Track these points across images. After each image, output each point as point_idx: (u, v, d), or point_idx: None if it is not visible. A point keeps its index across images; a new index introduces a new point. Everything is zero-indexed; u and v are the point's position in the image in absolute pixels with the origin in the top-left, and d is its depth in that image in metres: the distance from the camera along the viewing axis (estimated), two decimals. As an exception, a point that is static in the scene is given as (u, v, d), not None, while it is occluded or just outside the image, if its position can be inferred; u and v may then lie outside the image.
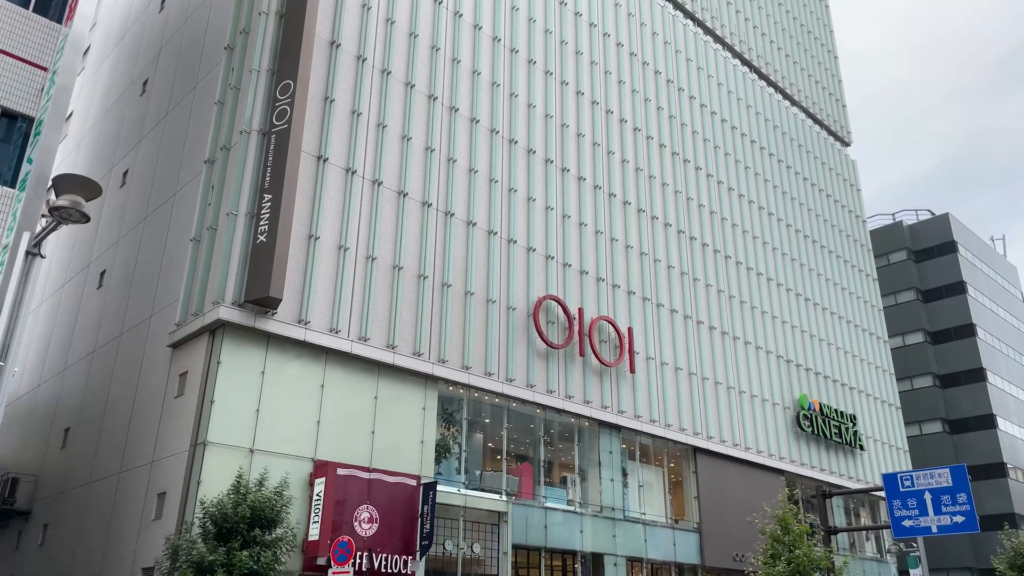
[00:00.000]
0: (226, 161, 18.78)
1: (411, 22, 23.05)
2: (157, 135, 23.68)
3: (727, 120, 35.31)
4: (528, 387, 22.26)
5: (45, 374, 26.09)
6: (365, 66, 21.29)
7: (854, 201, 43.28)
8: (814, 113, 42.97)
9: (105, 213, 25.32)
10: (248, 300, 16.87)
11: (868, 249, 42.89)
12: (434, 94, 22.84)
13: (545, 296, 23.44)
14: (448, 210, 21.93)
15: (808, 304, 35.87)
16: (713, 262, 31.18)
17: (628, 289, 26.77)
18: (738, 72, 37.57)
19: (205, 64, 21.83)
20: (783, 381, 32.51)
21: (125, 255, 23.10)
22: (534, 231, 24.25)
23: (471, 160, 23.16)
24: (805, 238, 37.53)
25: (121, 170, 25.60)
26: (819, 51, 46.16)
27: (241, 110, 18.98)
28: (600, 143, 28.02)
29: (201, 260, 18.13)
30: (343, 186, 19.75)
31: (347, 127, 20.36)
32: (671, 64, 33.21)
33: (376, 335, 19.19)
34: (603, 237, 26.68)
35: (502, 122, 24.64)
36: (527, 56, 26.48)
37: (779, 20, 43.03)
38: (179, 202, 20.60)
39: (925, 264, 56.72)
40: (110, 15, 32.14)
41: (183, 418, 16.82)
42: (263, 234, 17.28)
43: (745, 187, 34.72)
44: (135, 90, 26.86)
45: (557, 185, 25.73)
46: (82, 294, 25.34)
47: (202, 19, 23.15)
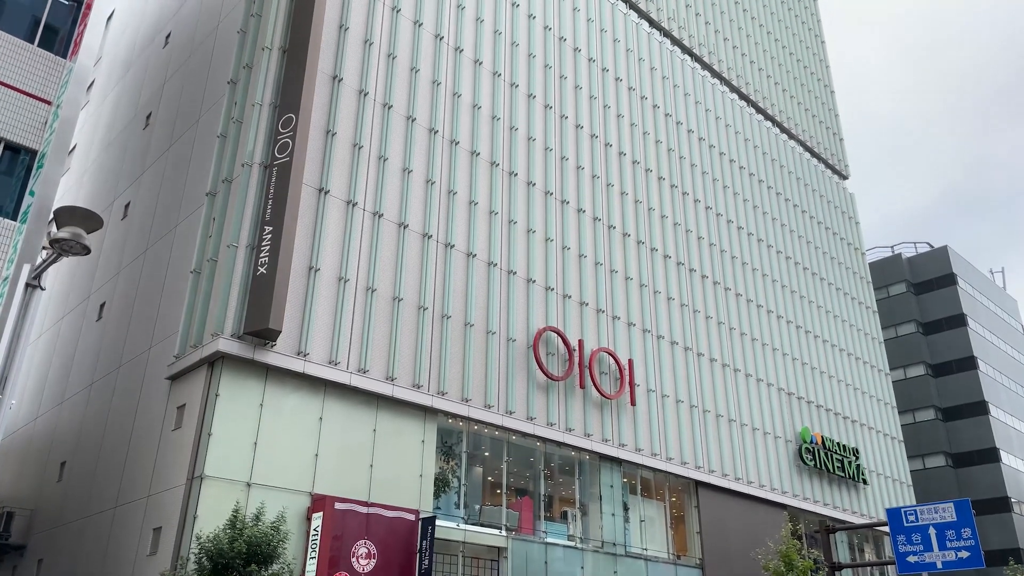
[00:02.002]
0: (227, 193, 18.87)
1: (412, 57, 23.32)
2: (159, 168, 23.83)
3: (725, 153, 35.57)
4: (528, 420, 22.11)
5: (42, 407, 25.94)
6: (367, 100, 21.49)
7: (852, 233, 43.42)
8: (811, 147, 43.30)
9: (106, 245, 25.38)
10: (247, 332, 16.83)
11: (867, 281, 42.93)
12: (435, 127, 23.03)
13: (545, 328, 23.40)
14: (448, 242, 21.99)
15: (808, 336, 35.80)
16: (713, 294, 31.18)
17: (628, 321, 26.74)
18: (735, 106, 37.93)
19: (208, 98, 22.04)
20: (784, 414, 32.32)
21: (125, 287, 23.10)
22: (534, 263, 24.29)
23: (471, 192, 23.28)
24: (804, 270, 37.59)
25: (123, 203, 25.72)
26: (815, 86, 46.66)
27: (243, 143, 19.12)
28: (599, 175, 28.19)
29: (201, 292, 18.13)
30: (344, 218, 19.82)
31: (348, 160, 20.49)
32: (669, 98, 33.54)
33: (375, 367, 19.12)
34: (603, 269, 26.71)
35: (502, 155, 24.81)
36: (527, 90, 26.75)
37: (775, 55, 43.56)
38: (180, 234, 20.66)
39: (925, 296, 56.72)
40: (115, 50, 32.52)
41: (180, 451, 16.68)
42: (263, 266, 17.30)
43: (744, 219, 34.86)
44: (138, 123, 27.08)
45: (557, 217, 25.83)
46: (81, 326, 25.30)
47: (206, 54, 23.43)
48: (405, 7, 23.68)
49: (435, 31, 24.34)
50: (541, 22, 28.53)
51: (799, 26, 47.44)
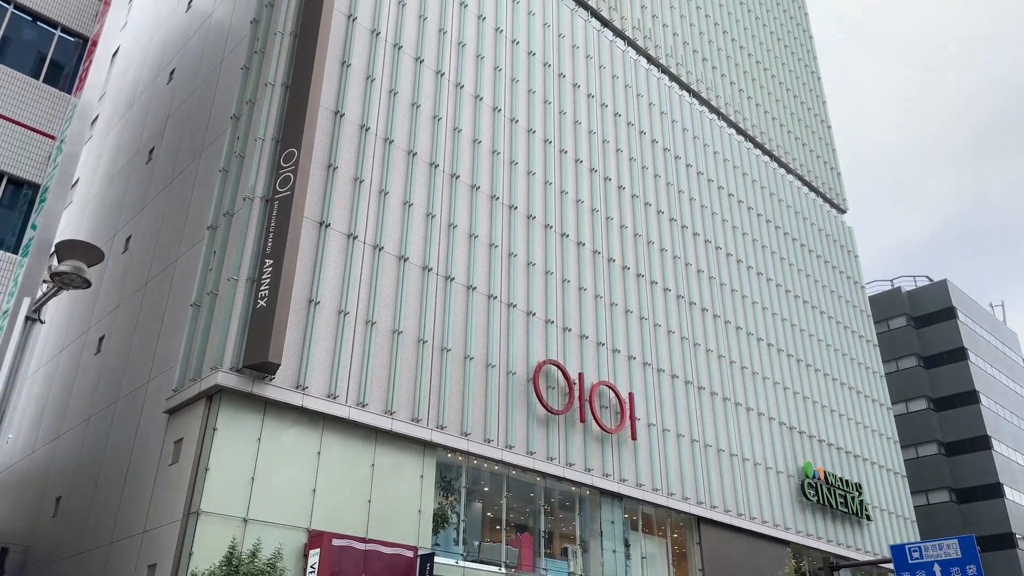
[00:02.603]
0: (228, 227, 18.95)
1: (414, 93, 23.58)
2: (161, 202, 23.96)
3: (723, 187, 35.80)
4: (528, 454, 21.95)
5: (39, 441, 25.75)
6: (368, 135, 21.69)
7: (852, 267, 43.53)
8: (809, 181, 43.60)
9: (106, 279, 25.41)
10: (246, 365, 16.78)
11: (867, 315, 42.93)
12: (435, 162, 23.20)
13: (545, 361, 23.33)
14: (448, 275, 22.03)
15: (809, 370, 35.70)
16: (713, 327, 31.15)
17: (628, 354, 26.67)
18: (733, 141, 38.27)
19: (211, 133, 22.24)
20: (786, 448, 32.09)
21: (125, 321, 23.09)
22: (534, 295, 24.31)
23: (471, 225, 23.38)
24: (804, 303, 37.60)
25: (124, 236, 25.81)
26: (812, 121, 47.12)
27: (245, 177, 19.25)
28: (599, 209, 28.34)
29: (200, 325, 18.11)
30: (344, 251, 19.88)
31: (349, 193, 20.61)
32: (667, 133, 33.85)
33: (374, 401, 19.02)
34: (603, 302, 26.72)
35: (502, 189, 24.97)
36: (526, 125, 27.01)
37: (772, 91, 44.06)
38: (180, 268, 20.70)
39: (925, 330, 56.66)
40: (119, 85, 32.90)
41: (176, 487, 16.52)
42: (263, 299, 17.30)
43: (743, 253, 34.97)
44: (141, 158, 27.30)
45: (556, 250, 25.91)
46: (80, 360, 25.22)
47: (209, 89, 23.69)
48: (407, 44, 24.01)
49: (436, 67, 24.65)
50: (540, 59, 28.90)
51: (795, 62, 48.07)
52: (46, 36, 20.40)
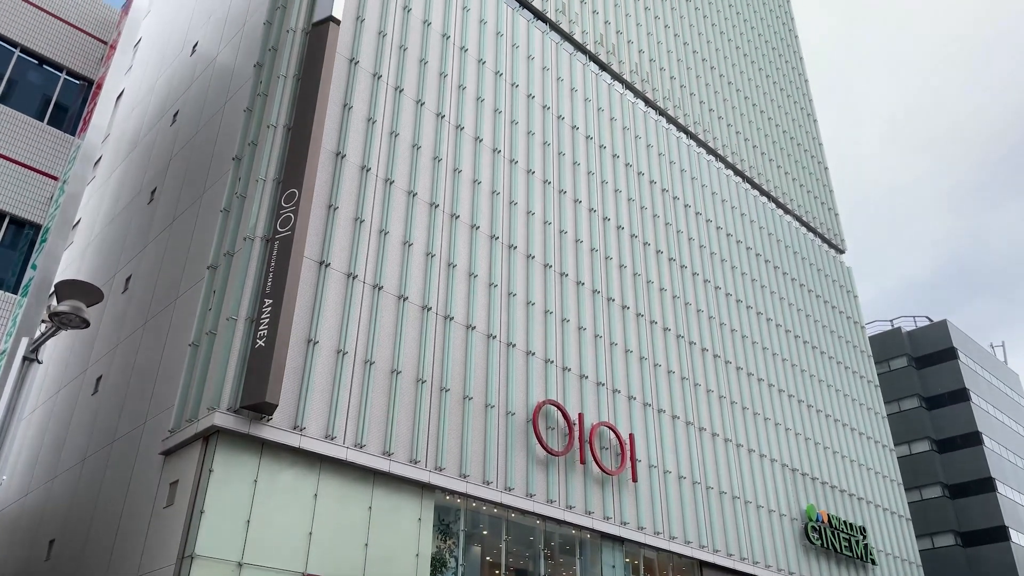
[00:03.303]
0: (228, 267, 18.99)
1: (414, 134, 23.84)
2: (162, 242, 24.05)
3: (721, 227, 35.98)
4: (528, 496, 21.68)
5: (34, 483, 25.46)
6: (369, 175, 21.87)
7: (851, 307, 43.54)
8: (807, 221, 43.85)
9: (105, 319, 25.39)
10: (244, 406, 16.66)
11: (868, 355, 42.81)
12: (435, 202, 23.35)
13: (545, 401, 23.19)
14: (447, 314, 22.01)
15: (811, 411, 35.47)
16: (713, 367, 31.04)
17: (629, 394, 26.52)
18: (731, 181, 38.58)
19: (213, 174, 22.42)
20: (789, 491, 31.73)
21: (122, 361, 23.00)
22: (533, 335, 24.26)
23: (471, 265, 23.44)
24: (804, 344, 37.52)
25: (124, 276, 25.85)
26: (809, 162, 47.57)
27: (246, 217, 19.35)
28: (598, 248, 28.44)
29: (199, 365, 18.03)
30: (344, 291, 19.90)
31: (349, 233, 20.70)
32: (665, 173, 34.14)
33: (372, 442, 18.86)
34: (602, 341, 26.66)
35: (501, 228, 25.09)
36: (526, 166, 27.24)
37: (769, 133, 44.57)
38: (180, 307, 20.69)
39: (926, 371, 56.46)
40: (123, 127, 33.26)
41: (171, 530, 16.28)
42: (262, 338, 17.26)
43: (742, 293, 35.00)
44: (143, 198, 27.47)
45: (556, 289, 25.94)
46: (77, 400, 25.07)
47: (212, 131, 23.95)
48: (408, 87, 24.34)
49: (436, 110, 24.95)
50: (540, 101, 29.28)
51: (791, 105, 48.70)
52: (51, 79, 20.70)
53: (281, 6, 23.23)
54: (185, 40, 30.38)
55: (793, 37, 53.77)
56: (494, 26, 28.89)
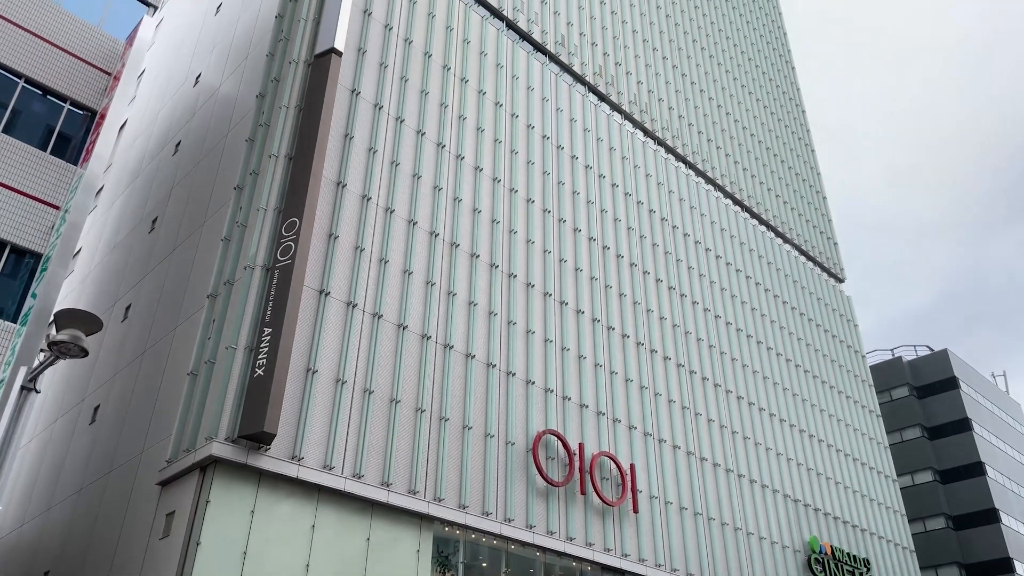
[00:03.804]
0: (228, 295, 18.99)
1: (415, 164, 23.99)
2: (162, 271, 24.08)
3: (721, 256, 36.05)
4: (527, 528, 21.47)
5: (29, 513, 25.22)
6: (369, 204, 21.96)
7: (852, 336, 43.47)
8: (806, 250, 43.95)
9: (104, 348, 25.33)
10: (242, 435, 16.56)
11: (869, 385, 42.64)
12: (435, 230, 23.43)
13: (544, 431, 23.06)
14: (447, 343, 21.97)
15: (812, 441, 35.25)
16: (714, 396, 30.90)
17: (629, 424, 26.38)
18: (729, 211, 38.74)
19: (214, 203, 22.52)
20: (792, 522, 31.42)
21: (120, 390, 22.91)
22: (533, 364, 24.19)
23: (471, 293, 23.45)
24: (805, 373, 37.40)
25: (124, 305, 25.85)
26: (808, 192, 47.81)
27: (246, 246, 19.39)
28: (597, 277, 28.47)
29: (197, 395, 17.96)
30: (343, 319, 19.88)
31: (350, 262, 20.74)
32: (664, 202, 34.29)
33: (371, 472, 18.71)
34: (602, 370, 26.58)
35: (501, 257, 25.14)
36: (525, 195, 27.37)
37: (768, 163, 44.84)
38: (179, 336, 20.66)
39: (928, 400, 56.23)
40: (126, 157, 33.48)
41: (167, 562, 16.09)
42: (261, 367, 17.21)
43: (743, 321, 34.97)
44: (144, 227, 27.56)
45: (556, 318, 25.92)
46: (74, 429, 24.92)
47: (214, 161, 24.10)
48: (408, 117, 24.55)
49: (437, 139, 25.14)
50: (539, 131, 29.51)
51: (789, 135, 49.07)
52: (55, 109, 20.88)
53: (284, 38, 23.51)
54: (188, 71, 30.71)
55: (790, 68, 54.35)
56: (494, 58, 29.22)
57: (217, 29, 29.85)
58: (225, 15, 29.82)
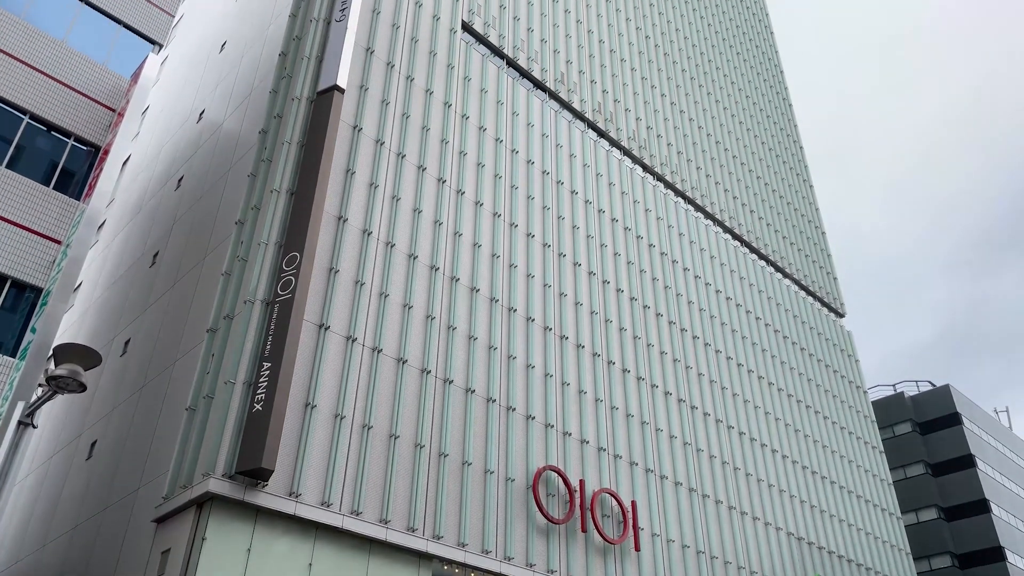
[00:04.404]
0: (228, 330, 18.95)
1: (416, 199, 24.12)
2: (162, 305, 24.08)
3: (721, 291, 36.07)
4: (528, 566, 21.16)
5: (24, 550, 24.89)
6: (370, 239, 22.03)
7: (853, 372, 43.31)
8: (806, 285, 43.98)
9: (103, 382, 25.22)
10: (239, 471, 16.40)
11: (872, 420, 42.36)
12: (436, 265, 23.47)
13: (545, 467, 22.85)
14: (447, 377, 21.87)
15: (815, 477, 34.92)
16: (716, 432, 30.68)
17: (630, 460, 26.15)
18: (729, 245, 38.85)
19: (215, 237, 22.59)
20: (795, 560, 30.98)
21: (118, 425, 22.75)
22: (533, 399, 24.05)
23: (471, 328, 23.41)
24: (807, 408, 37.19)
25: (123, 339, 25.79)
26: (807, 227, 48.00)
27: (247, 280, 19.41)
28: (597, 311, 28.44)
29: (195, 430, 17.82)
30: (343, 354, 19.81)
31: (350, 296, 20.74)
32: (663, 237, 34.40)
33: (369, 509, 18.50)
34: (603, 406, 26.42)
35: (501, 291, 25.15)
36: (525, 229, 27.48)
37: (766, 198, 45.10)
38: (178, 371, 20.58)
39: (931, 436, 55.80)
40: (128, 192, 33.68)
41: (161, 600, 15.84)
42: (259, 402, 17.11)
43: (743, 356, 34.86)
44: (145, 262, 27.62)
45: (556, 352, 25.84)
46: (70, 466, 24.70)
47: (216, 196, 24.23)
48: (410, 153, 24.74)
49: (438, 175, 25.31)
50: (539, 166, 29.73)
51: (787, 171, 49.43)
52: (59, 145, 21.05)
53: (287, 75, 23.80)
54: (192, 108, 31.03)
55: (787, 106, 54.94)
56: (495, 95, 29.54)
57: (221, 66, 30.24)
58: (229, 53, 30.23)
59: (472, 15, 30.88)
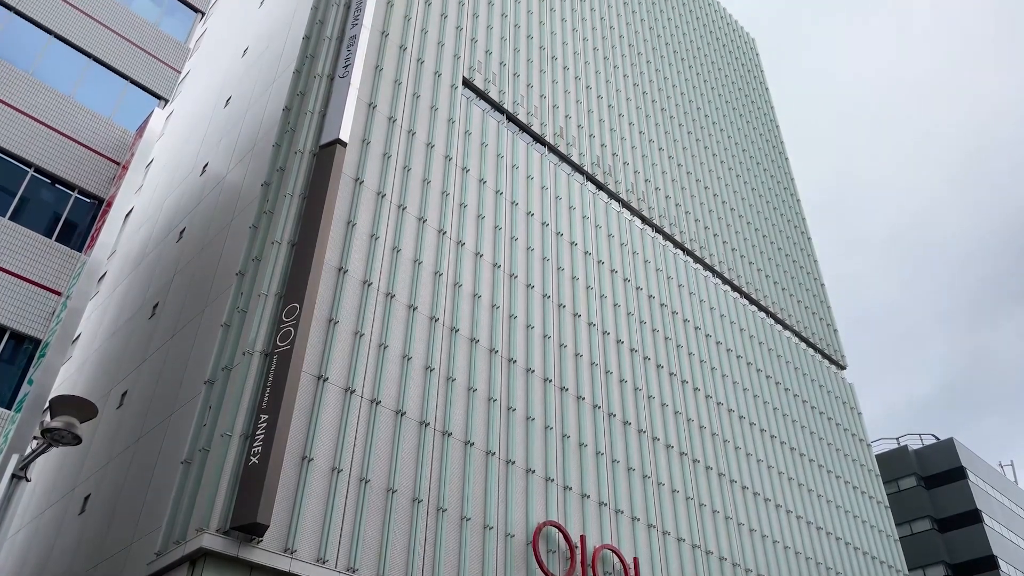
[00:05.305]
0: (226, 382, 18.83)
1: (416, 250, 24.23)
2: (160, 357, 23.97)
3: (721, 342, 35.97)
4: (528, 625, 20.63)
5: (9, 609, 24.31)
6: (370, 290, 22.06)
7: (856, 424, 42.92)
8: (807, 337, 43.89)
9: (98, 436, 24.96)
10: (234, 527, 16.11)
11: (876, 474, 41.82)
12: (436, 316, 23.45)
13: (545, 522, 22.46)
14: (446, 430, 21.65)
15: (820, 533, 34.32)
16: (718, 487, 30.25)
17: (632, 515, 25.72)
18: (728, 297, 38.89)
19: (216, 289, 22.62)
20: (802, 619, 30.23)
21: (112, 479, 22.44)
22: (533, 452, 23.77)
23: (470, 379, 23.26)
24: (811, 462, 36.74)
25: (120, 391, 25.61)
26: (805, 279, 48.14)
27: (246, 331, 19.37)
28: (598, 363, 28.31)
29: (190, 483, 17.56)
30: (341, 406, 19.65)
31: (349, 347, 20.67)
32: (663, 288, 34.46)
33: (366, 565, 18.11)
34: (604, 459, 26.10)
35: (501, 342, 25.07)
36: (525, 280, 27.54)
37: (764, 250, 45.33)
38: (174, 423, 20.38)
39: (936, 491, 55.04)
40: (130, 244, 33.85)
41: (151, 661, 15.40)
42: (256, 456, 16.90)
43: (745, 409, 34.59)
44: (144, 313, 27.60)
45: (556, 405, 25.63)
46: (63, 520, 24.28)
47: (217, 247, 24.35)
48: (411, 205, 24.95)
49: (438, 226, 25.47)
50: (539, 218, 29.94)
51: (785, 223, 49.80)
52: (63, 197, 21.23)
53: (290, 129, 24.15)
54: (196, 161, 31.41)
55: (784, 160, 55.63)
56: (495, 148, 29.94)
57: (226, 121, 30.70)
58: (234, 107, 30.73)
59: (473, 71, 31.49)
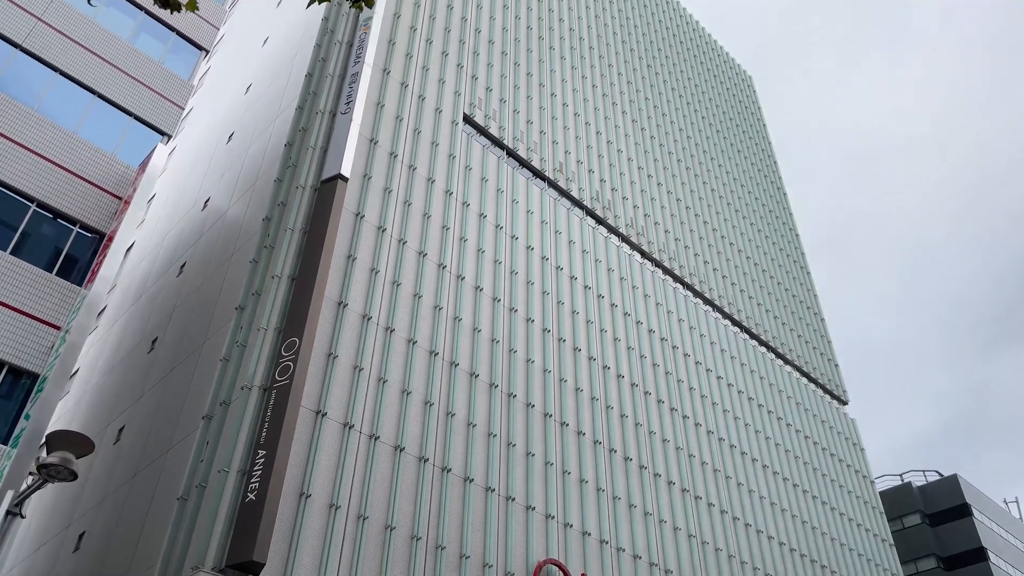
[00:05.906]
0: (224, 417, 18.70)
1: (416, 284, 24.24)
2: (158, 392, 23.84)
3: (722, 377, 35.81)
4: (528, 666, 20.22)
5: (-1, 649, 23.84)
6: (369, 324, 22.02)
7: (858, 460, 42.54)
8: (808, 372, 43.72)
9: (94, 471, 24.71)
10: (229, 564, 15.87)
11: (880, 511, 41.34)
12: (435, 350, 23.38)
13: (546, 560, 22.13)
14: (445, 466, 21.45)
15: (825, 571, 33.81)
16: (720, 524, 29.87)
17: (634, 553, 25.37)
18: (729, 332, 38.81)
19: (215, 323, 22.57)
20: (807, 660, 29.65)
21: (108, 516, 22.16)
22: (533, 488, 23.52)
23: (470, 414, 23.11)
24: (814, 499, 36.34)
25: (117, 427, 25.42)
26: (806, 313, 48.10)
27: (245, 366, 19.28)
28: (598, 397, 28.16)
29: (186, 520, 17.35)
30: (339, 441, 19.49)
31: (348, 382, 20.56)
32: (664, 323, 34.41)
33: (364, 604, 17.80)
34: (605, 495, 25.82)
35: (501, 376, 24.96)
36: (525, 314, 27.50)
37: (764, 285, 45.37)
38: (171, 459, 20.19)
39: (941, 529, 54.35)
40: (130, 278, 33.87)
41: None
42: (253, 492, 16.72)
43: (747, 444, 34.31)
44: (143, 348, 27.52)
45: (556, 440, 25.43)
46: (57, 558, 23.92)
47: (217, 281, 24.36)
48: (411, 239, 25.03)
49: (438, 260, 25.52)
50: (539, 252, 30.01)
51: (784, 258, 49.92)
52: (64, 232, 21.30)
53: (292, 165, 24.32)
54: (198, 196, 31.57)
55: (782, 195, 55.95)
56: (495, 183, 30.12)
57: (228, 156, 30.94)
58: (236, 143, 30.99)
59: (473, 108, 31.82)
